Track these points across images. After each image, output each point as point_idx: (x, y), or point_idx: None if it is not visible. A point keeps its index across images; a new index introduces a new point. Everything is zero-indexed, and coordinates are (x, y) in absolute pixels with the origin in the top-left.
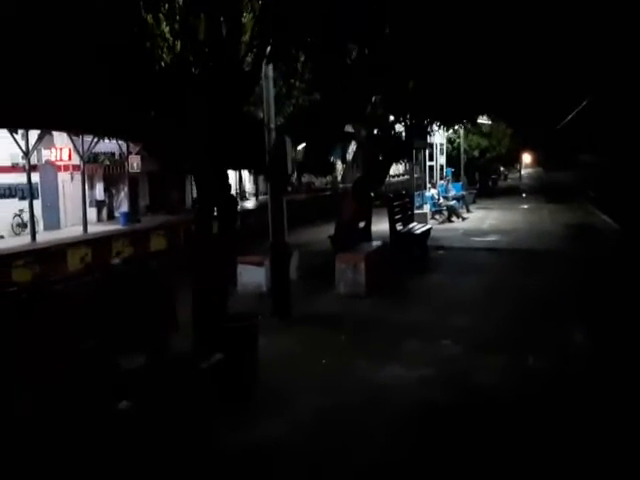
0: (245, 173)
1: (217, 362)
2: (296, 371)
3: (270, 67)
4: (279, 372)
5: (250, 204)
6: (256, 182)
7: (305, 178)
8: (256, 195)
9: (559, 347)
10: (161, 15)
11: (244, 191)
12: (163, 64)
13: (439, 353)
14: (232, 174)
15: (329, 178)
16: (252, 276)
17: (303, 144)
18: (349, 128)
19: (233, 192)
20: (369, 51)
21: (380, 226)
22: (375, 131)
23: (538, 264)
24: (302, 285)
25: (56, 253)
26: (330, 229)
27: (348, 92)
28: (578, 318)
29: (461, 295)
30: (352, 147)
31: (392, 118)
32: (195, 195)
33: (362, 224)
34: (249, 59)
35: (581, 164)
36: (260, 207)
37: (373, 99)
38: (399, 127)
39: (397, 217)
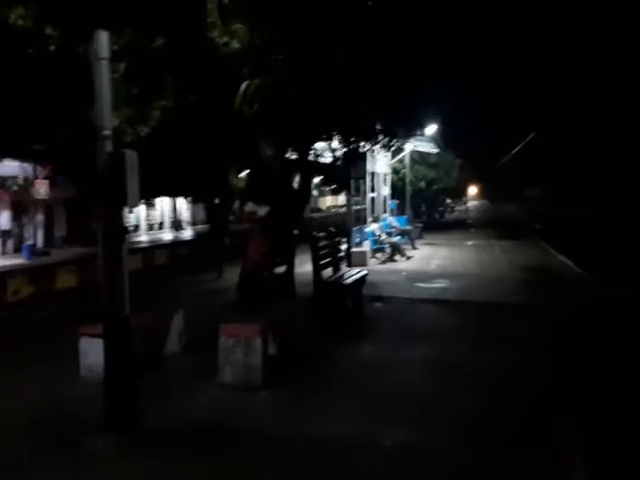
0: (180, 200)
1: None
2: None
3: (104, 42)
4: None
5: (187, 234)
6: (196, 210)
7: (247, 207)
8: (194, 224)
9: None
10: None
11: (179, 220)
12: None
13: None
14: (167, 201)
15: None
16: (100, 354)
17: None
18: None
19: (167, 220)
20: None
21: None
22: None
23: (499, 325)
24: (179, 364)
25: None
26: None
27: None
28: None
29: (400, 380)
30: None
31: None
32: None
33: (282, 269)
34: None
35: (527, 197)
36: (197, 237)
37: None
38: (321, 145)
39: (324, 262)
